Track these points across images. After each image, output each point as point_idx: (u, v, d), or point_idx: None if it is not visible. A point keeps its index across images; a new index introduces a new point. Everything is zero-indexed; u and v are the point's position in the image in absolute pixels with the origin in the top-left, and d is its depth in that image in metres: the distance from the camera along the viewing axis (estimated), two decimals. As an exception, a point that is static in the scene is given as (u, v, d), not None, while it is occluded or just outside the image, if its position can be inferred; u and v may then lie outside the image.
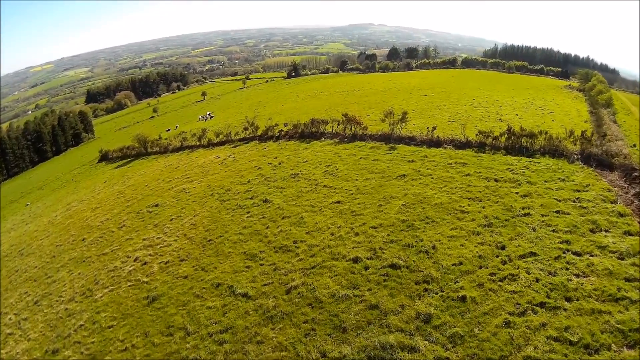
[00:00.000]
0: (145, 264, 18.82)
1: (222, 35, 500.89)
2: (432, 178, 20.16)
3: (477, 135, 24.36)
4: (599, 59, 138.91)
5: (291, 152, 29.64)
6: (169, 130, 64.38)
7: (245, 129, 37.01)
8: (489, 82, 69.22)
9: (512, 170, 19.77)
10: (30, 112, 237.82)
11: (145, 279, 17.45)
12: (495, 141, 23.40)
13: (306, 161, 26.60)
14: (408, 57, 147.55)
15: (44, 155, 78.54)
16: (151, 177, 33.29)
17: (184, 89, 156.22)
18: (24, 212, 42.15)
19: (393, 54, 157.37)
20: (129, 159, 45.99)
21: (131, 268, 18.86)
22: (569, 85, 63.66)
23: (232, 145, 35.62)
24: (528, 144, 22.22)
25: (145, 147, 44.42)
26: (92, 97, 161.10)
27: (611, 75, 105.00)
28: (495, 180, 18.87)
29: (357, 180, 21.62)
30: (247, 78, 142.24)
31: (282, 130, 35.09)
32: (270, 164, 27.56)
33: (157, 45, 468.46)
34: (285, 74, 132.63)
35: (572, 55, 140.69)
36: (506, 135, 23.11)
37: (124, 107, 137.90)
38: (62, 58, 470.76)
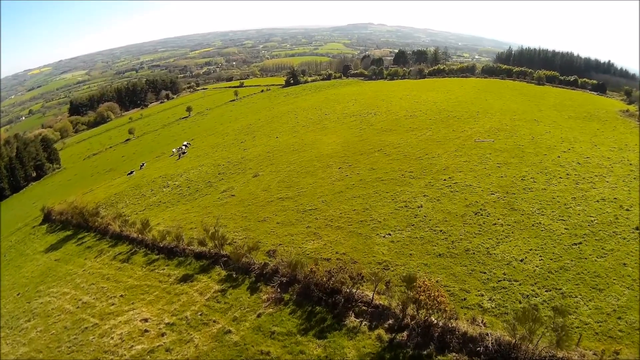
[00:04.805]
0: None
1: (221, 36, 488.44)
2: None
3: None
4: (618, 64, 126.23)
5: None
6: (131, 172, 53.38)
7: (202, 243, 24.20)
8: (529, 102, 57.56)
9: None
10: (23, 118, 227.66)
11: None
12: None
13: None
14: (417, 61, 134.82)
15: (1, 194, 67.10)
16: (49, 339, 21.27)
17: (173, 97, 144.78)
18: None
19: (400, 57, 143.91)
20: (68, 231, 35.47)
21: None
22: (627, 111, 52.20)
23: (177, 276, 22.84)
24: None
25: (86, 220, 33.59)
26: (75, 108, 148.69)
27: (632, 82, 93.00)
28: None
29: None
30: (241, 85, 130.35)
31: (267, 264, 21.39)
32: None
33: (155, 47, 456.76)
34: (282, 81, 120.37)
35: (593, 59, 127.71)
36: None
37: (106, 120, 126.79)
38: (60, 60, 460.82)
